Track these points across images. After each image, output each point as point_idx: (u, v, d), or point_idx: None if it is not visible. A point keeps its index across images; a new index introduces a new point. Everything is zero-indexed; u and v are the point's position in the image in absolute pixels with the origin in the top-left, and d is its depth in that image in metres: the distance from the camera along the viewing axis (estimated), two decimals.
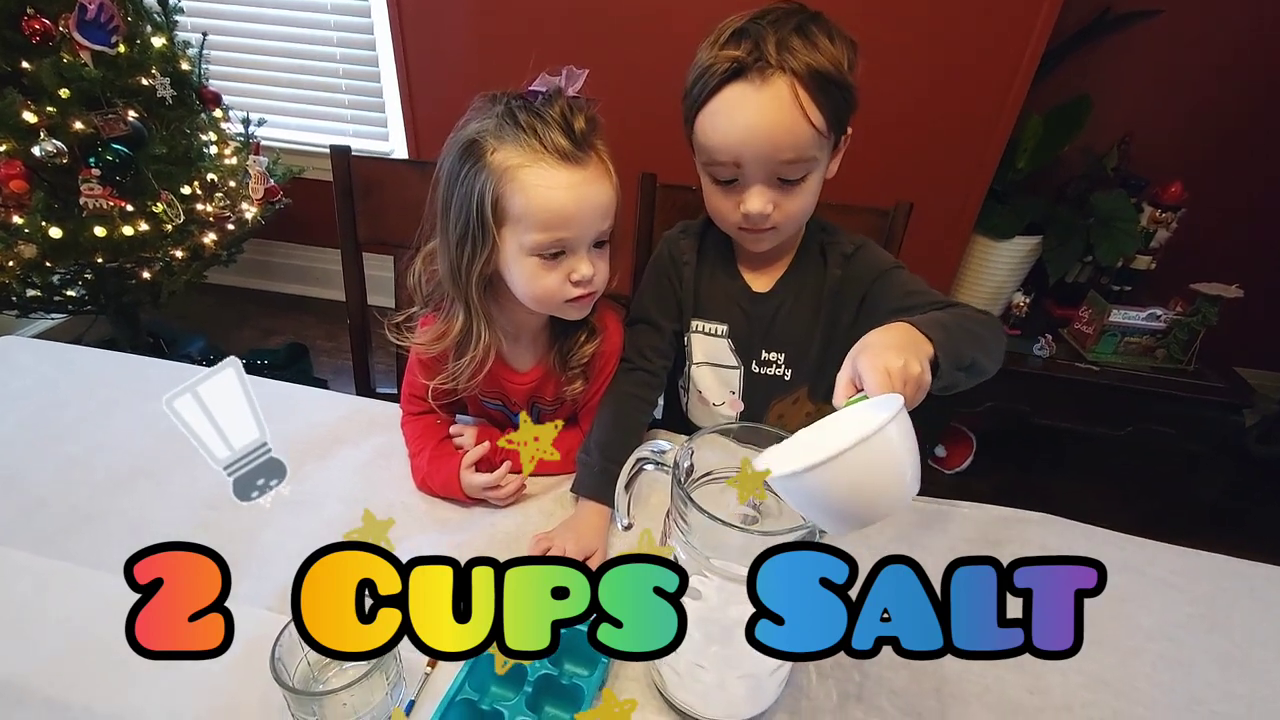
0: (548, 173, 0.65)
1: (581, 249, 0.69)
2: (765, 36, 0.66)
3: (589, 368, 0.82)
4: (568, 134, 0.65)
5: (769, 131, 0.67)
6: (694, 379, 0.90)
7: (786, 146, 0.68)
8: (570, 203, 0.65)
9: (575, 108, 0.67)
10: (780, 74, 0.65)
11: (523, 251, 0.68)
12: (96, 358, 0.99)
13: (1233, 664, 0.65)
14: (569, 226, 0.67)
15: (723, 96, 0.68)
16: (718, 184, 0.74)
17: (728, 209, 0.75)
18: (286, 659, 0.50)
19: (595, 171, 0.67)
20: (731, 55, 0.66)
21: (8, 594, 0.62)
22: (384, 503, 0.76)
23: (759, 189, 0.71)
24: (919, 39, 1.41)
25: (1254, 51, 1.68)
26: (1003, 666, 0.63)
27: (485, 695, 0.54)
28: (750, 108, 0.67)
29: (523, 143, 0.65)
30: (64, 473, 0.77)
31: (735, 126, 0.68)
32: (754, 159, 0.69)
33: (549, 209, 0.65)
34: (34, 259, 1.43)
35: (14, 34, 1.37)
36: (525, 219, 0.66)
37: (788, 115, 0.66)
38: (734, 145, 0.69)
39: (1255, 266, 1.84)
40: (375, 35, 2.10)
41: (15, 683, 0.54)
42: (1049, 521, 0.79)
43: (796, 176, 0.71)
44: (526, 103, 0.66)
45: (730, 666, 0.51)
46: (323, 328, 2.40)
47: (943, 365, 0.56)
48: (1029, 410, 1.67)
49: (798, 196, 0.73)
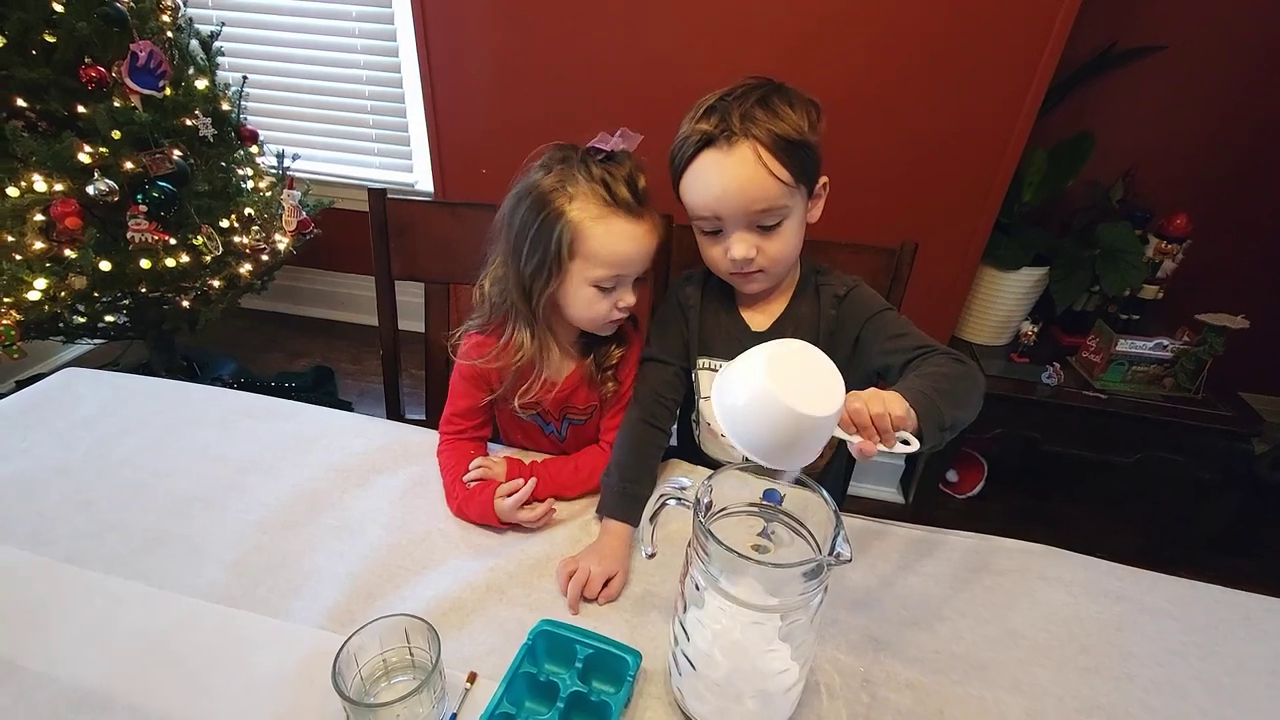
0: (617, 224, 0.79)
1: (629, 282, 0.84)
2: (731, 111, 0.77)
3: (618, 370, 0.94)
4: (633, 192, 0.80)
5: (739, 187, 0.77)
6: (703, 412, 0.97)
7: (757, 199, 0.78)
8: (633, 250, 0.81)
9: (637, 168, 0.81)
10: (744, 140, 0.76)
11: (585, 283, 0.82)
12: (151, 386, 1.06)
13: (1224, 690, 0.69)
14: (627, 267, 0.82)
15: (698, 163, 0.79)
16: (705, 234, 0.85)
17: (718, 256, 0.85)
18: (345, 672, 0.55)
19: (651, 224, 0.83)
20: (702, 129, 0.78)
21: (86, 610, 0.68)
22: (421, 529, 0.81)
23: (740, 236, 0.81)
24: (925, 77, 1.47)
25: (1257, 85, 1.72)
26: (1003, 689, 0.66)
27: (521, 710, 0.58)
28: (720, 170, 0.78)
29: (597, 196, 0.79)
30: (128, 498, 0.83)
31: (710, 186, 0.79)
32: (730, 212, 0.79)
33: (616, 253, 0.80)
34: (83, 289, 1.52)
35: (72, 81, 1.47)
36: (594, 259, 0.80)
37: (753, 172, 0.76)
38: (711, 202, 0.80)
39: (1262, 295, 1.86)
40: (402, 74, 2.20)
41: (100, 691, 0.60)
42: (1050, 553, 0.83)
43: (772, 223, 0.80)
44: (599, 160, 0.80)
45: (745, 684, 0.56)
46: (349, 351, 2.48)
47: (926, 433, 0.62)
48: (1039, 437, 1.69)
49: (777, 240, 0.82)
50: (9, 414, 0.96)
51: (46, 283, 1.44)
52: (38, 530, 0.77)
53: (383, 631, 0.59)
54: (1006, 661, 0.70)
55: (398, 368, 1.28)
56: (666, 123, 0.94)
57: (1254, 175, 1.80)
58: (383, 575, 0.74)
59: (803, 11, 1.44)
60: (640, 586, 0.75)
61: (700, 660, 0.57)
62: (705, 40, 1.51)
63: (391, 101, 2.27)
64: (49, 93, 1.46)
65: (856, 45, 1.46)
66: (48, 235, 1.45)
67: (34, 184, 1.42)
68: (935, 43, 1.44)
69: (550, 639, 0.65)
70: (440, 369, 1.26)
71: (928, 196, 1.57)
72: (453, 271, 1.18)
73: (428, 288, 1.21)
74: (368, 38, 2.17)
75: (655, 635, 0.69)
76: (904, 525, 0.86)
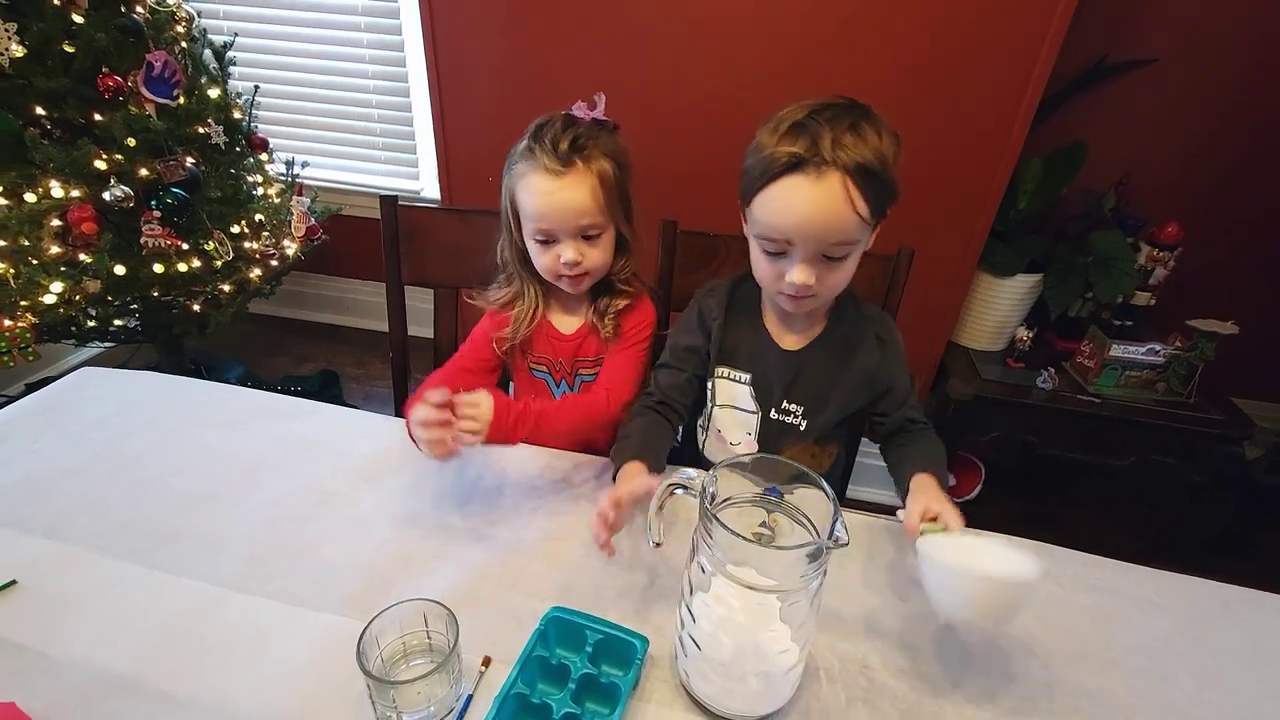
0: (536, 180, 0.89)
1: (566, 238, 0.91)
2: (822, 134, 0.73)
3: (620, 321, 1.01)
4: (554, 153, 0.88)
5: (821, 220, 0.75)
6: (714, 419, 0.99)
7: (835, 233, 0.76)
8: (550, 204, 0.89)
9: (565, 131, 0.88)
10: (833, 169, 0.72)
11: (529, 235, 0.93)
12: (163, 384, 1.08)
13: (1208, 676, 0.71)
14: (548, 220, 0.90)
15: (781, 185, 0.75)
16: (767, 254, 0.82)
17: (773, 276, 0.83)
18: (367, 653, 0.57)
19: (573, 180, 0.88)
20: (791, 151, 0.73)
21: (109, 600, 0.71)
22: (433, 522, 0.84)
23: (805, 264, 0.79)
24: (922, 90, 1.51)
25: (1245, 97, 1.77)
26: (995, 676, 0.69)
27: (534, 691, 0.61)
28: (805, 198, 0.74)
29: (528, 158, 0.90)
30: (141, 496, 0.85)
31: (791, 212, 0.75)
32: (804, 241, 0.77)
33: (537, 207, 0.90)
34: (98, 293, 1.55)
35: (89, 90, 1.50)
36: (525, 212, 0.92)
37: (838, 206, 0.73)
38: (788, 228, 0.77)
39: (1253, 302, 1.90)
40: (409, 84, 2.24)
41: (127, 676, 0.63)
42: (1041, 549, 0.86)
43: (840, 255, 0.79)
44: (539, 129, 0.90)
45: (748, 664, 0.59)
46: (353, 355, 2.51)
47: None
48: (1034, 441, 1.72)
49: (839, 271, 0.81)
50: (25, 414, 0.99)
51: (62, 286, 1.47)
52: (54, 528, 0.79)
53: (402, 616, 0.62)
54: (999, 650, 0.72)
55: (406, 369, 1.31)
56: (673, 130, 1.00)
57: (1244, 185, 1.84)
58: (397, 565, 0.77)
59: (804, 26, 1.48)
60: (646, 578, 0.78)
61: (705, 641, 0.60)
62: (711, 52, 1.55)
63: (398, 111, 2.31)
64: (67, 101, 1.49)
65: (856, 59, 1.50)
66: (64, 240, 1.48)
67: (51, 190, 1.46)
68: (931, 58, 1.48)
69: (561, 625, 0.67)
70: None
71: (926, 204, 1.60)
72: (461, 276, 1.21)
73: (436, 293, 1.25)
74: (376, 48, 2.22)
75: (661, 624, 0.71)
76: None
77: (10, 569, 0.72)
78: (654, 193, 1.06)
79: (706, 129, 1.61)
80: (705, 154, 1.63)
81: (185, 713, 0.60)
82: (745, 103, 1.58)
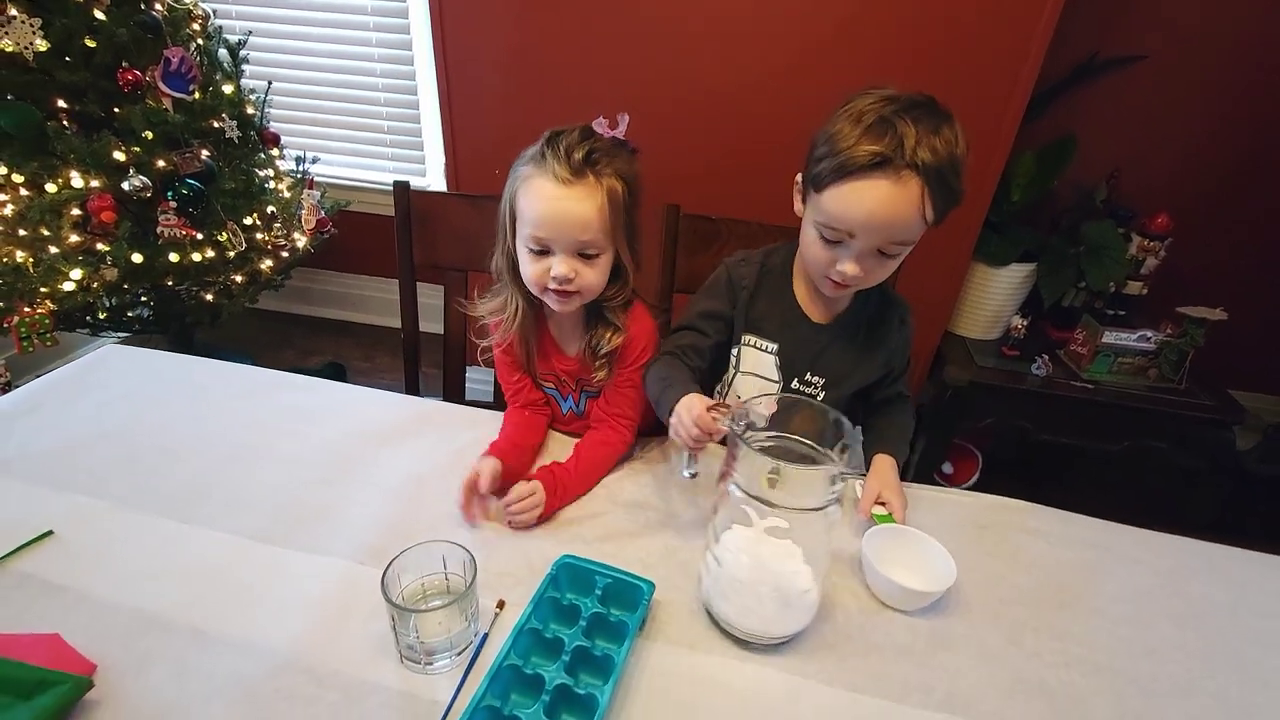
0: (542, 184, 0.82)
1: (561, 251, 0.85)
2: (908, 133, 0.72)
3: (613, 359, 0.95)
4: (566, 161, 0.82)
5: (891, 221, 0.76)
6: (735, 385, 1.01)
7: (899, 232, 0.77)
8: (553, 212, 0.82)
9: (581, 142, 0.83)
10: (914, 175, 0.73)
11: (522, 242, 0.86)
12: (184, 362, 1.13)
13: (1188, 623, 0.75)
14: (546, 228, 0.83)
15: (860, 183, 0.74)
16: (824, 240, 0.82)
17: (826, 261, 0.83)
18: (390, 590, 0.61)
19: (581, 192, 0.82)
20: (875, 150, 0.73)
21: (145, 547, 0.74)
22: (449, 481, 0.85)
23: (859, 258, 0.80)
24: (914, 86, 1.55)
25: (1235, 92, 1.81)
26: (984, 623, 0.73)
27: (547, 628, 0.64)
28: (881, 198, 0.74)
29: (538, 162, 0.84)
30: (169, 458, 0.89)
31: (863, 210, 0.76)
32: (867, 236, 0.78)
33: (538, 212, 0.83)
34: (115, 281, 1.59)
35: (109, 84, 1.55)
36: (523, 216, 0.85)
37: (911, 210, 0.74)
38: (855, 224, 0.77)
39: (1242, 292, 1.94)
40: (416, 82, 2.29)
41: (163, 615, 0.66)
42: (1030, 508, 0.90)
43: (894, 253, 0.80)
44: (554, 136, 0.85)
45: (766, 587, 0.64)
46: (360, 350, 2.55)
47: None
48: (1030, 427, 1.76)
49: (886, 267, 0.82)
50: (55, 385, 1.03)
51: (81, 274, 1.51)
52: (88, 484, 0.83)
53: (421, 557, 0.66)
54: (989, 600, 0.76)
55: (418, 352, 1.34)
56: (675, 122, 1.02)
57: (1233, 178, 1.89)
58: (414, 519, 0.80)
59: (802, 25, 1.53)
60: (655, 531, 0.82)
61: (727, 560, 0.66)
62: (712, 50, 1.59)
63: (406, 109, 2.36)
64: (88, 95, 1.54)
65: (852, 57, 1.55)
66: (83, 229, 1.53)
67: (71, 180, 1.50)
68: (923, 57, 1.53)
69: (572, 570, 0.71)
70: (458, 359, 1.33)
71: None
72: (471, 260, 1.26)
73: (447, 278, 1.28)
74: (384, 46, 2.27)
75: (669, 573, 0.74)
76: None
77: (48, 522, 0.76)
78: (655, 181, 1.10)
79: (708, 122, 1.66)
80: (706, 145, 1.68)
81: (216, 648, 0.64)
82: (745, 99, 1.63)
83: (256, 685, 0.60)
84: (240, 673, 0.61)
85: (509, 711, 0.56)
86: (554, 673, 0.59)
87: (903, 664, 0.67)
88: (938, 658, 0.68)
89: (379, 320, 2.72)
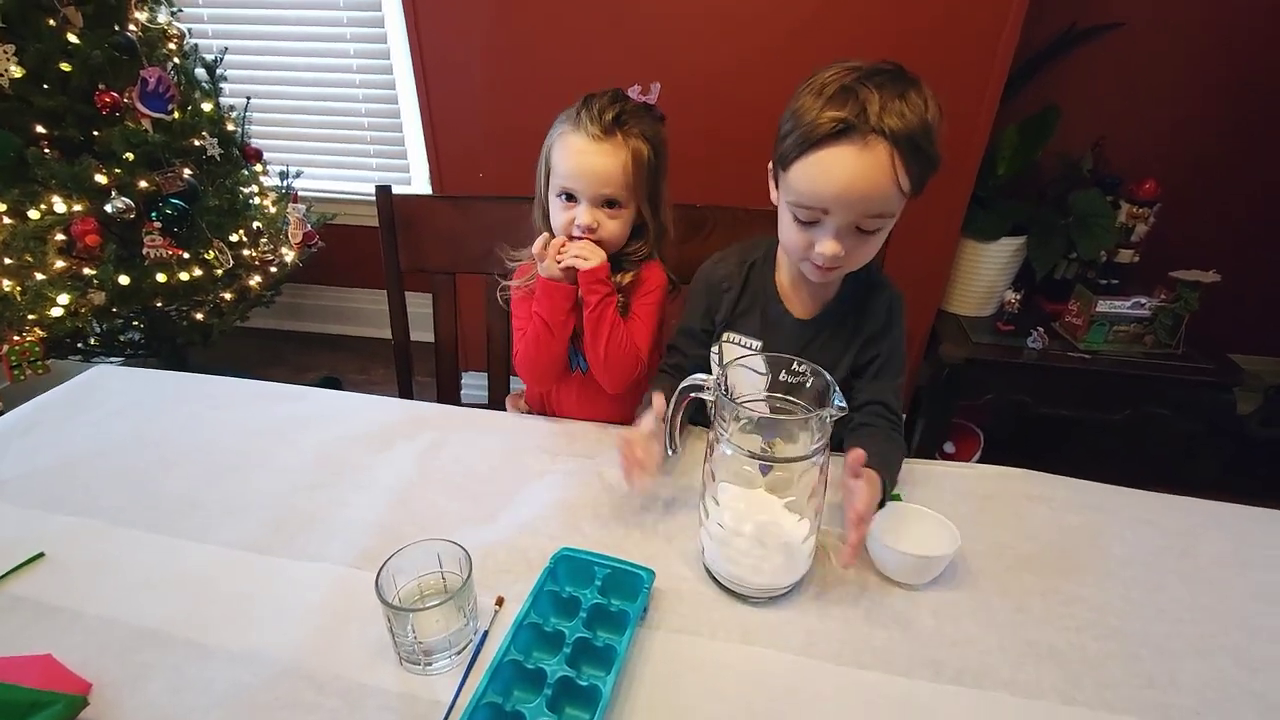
0: (574, 139, 0.92)
1: (586, 202, 0.94)
2: (870, 99, 0.69)
3: (629, 293, 1.02)
4: (598, 120, 0.91)
5: (863, 191, 0.72)
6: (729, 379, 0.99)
7: (874, 204, 0.73)
8: (583, 165, 0.92)
9: (612, 104, 0.92)
10: (881, 139, 0.69)
11: (554, 190, 0.96)
12: (176, 378, 1.12)
13: (1199, 583, 0.74)
14: (575, 180, 0.93)
15: (826, 153, 0.71)
16: (799, 221, 0.78)
17: (803, 245, 0.80)
18: (385, 591, 0.60)
19: (608, 148, 0.91)
20: (837, 116, 0.70)
21: (138, 563, 0.73)
22: (445, 481, 0.86)
23: (837, 235, 0.76)
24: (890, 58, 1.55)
25: (1212, 54, 1.81)
26: (991, 592, 0.72)
27: (547, 621, 0.64)
28: (850, 167, 0.71)
29: (573, 120, 0.94)
30: (163, 472, 0.88)
31: (834, 182, 0.72)
32: (840, 211, 0.74)
33: (569, 164, 0.93)
34: (103, 305, 1.58)
35: (87, 107, 1.54)
36: (556, 169, 0.95)
37: (881, 178, 0.71)
38: (827, 198, 0.74)
39: (1236, 254, 1.93)
40: (397, 90, 2.29)
41: (158, 630, 0.65)
42: (1031, 475, 0.89)
43: (873, 229, 0.76)
44: (590, 98, 0.94)
45: (766, 536, 0.66)
46: (355, 362, 2.54)
47: None
48: (1029, 401, 1.75)
49: (870, 244, 0.79)
50: (48, 407, 1.02)
51: (69, 299, 1.50)
52: (81, 503, 0.82)
53: (417, 556, 0.65)
54: (995, 569, 0.75)
55: (410, 360, 1.33)
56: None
57: (1219, 139, 1.89)
58: (411, 523, 0.79)
59: (780, 8, 1.53)
60: (651, 522, 0.81)
61: (729, 522, 0.67)
62: (690, 39, 1.59)
63: (387, 117, 2.36)
64: (66, 119, 1.53)
65: (830, 39, 1.54)
66: (68, 254, 1.52)
67: (54, 206, 1.50)
68: (903, 35, 1.53)
69: (570, 563, 0.70)
70: (450, 364, 1.32)
71: None
72: (458, 262, 1.25)
73: (435, 282, 1.27)
74: (363, 57, 2.27)
75: (667, 563, 0.73)
76: None
77: (41, 543, 0.75)
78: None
79: (688, 112, 1.64)
80: (689, 135, 1.66)
81: (213, 659, 0.62)
82: (724, 85, 1.63)
83: (255, 694, 0.59)
84: (238, 683, 0.60)
85: (511, 707, 0.55)
86: (556, 666, 0.58)
87: (911, 639, 0.66)
88: (946, 631, 0.67)
89: (372, 332, 2.71)
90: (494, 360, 1.30)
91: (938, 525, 0.74)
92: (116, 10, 1.59)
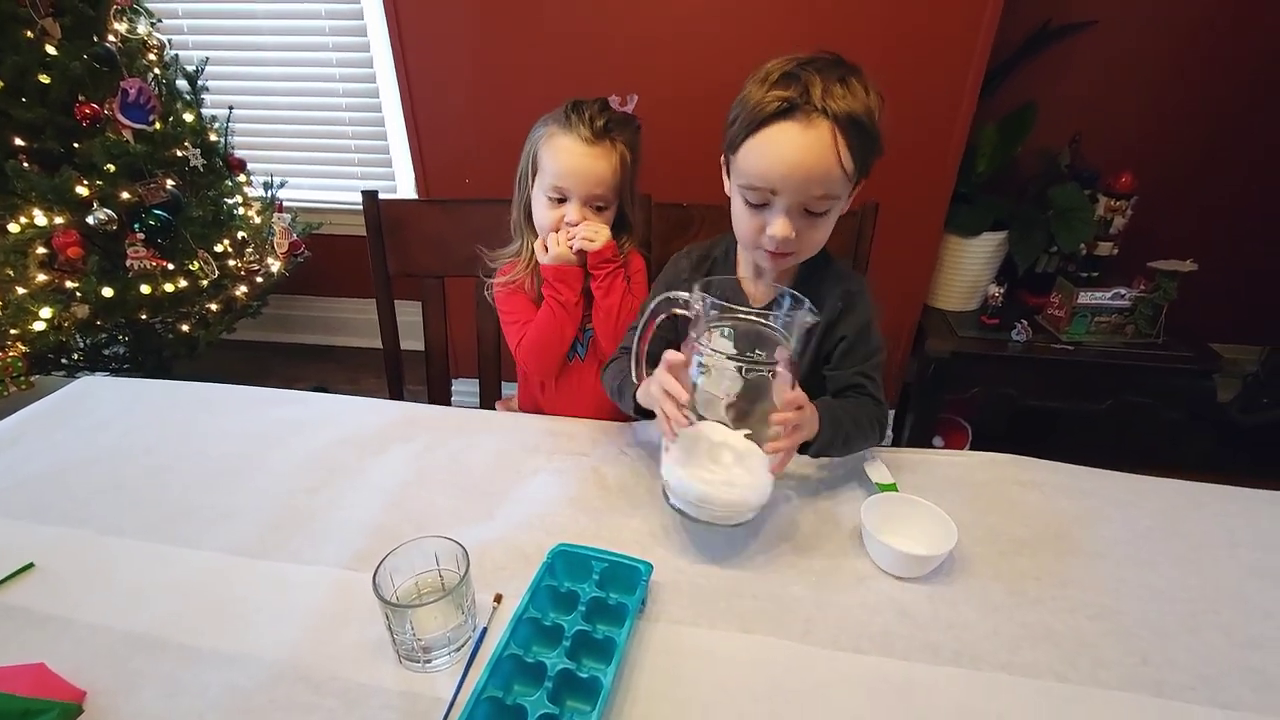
0: (567, 141, 0.98)
1: (575, 201, 1.00)
2: (813, 82, 0.73)
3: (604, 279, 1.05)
4: (590, 125, 0.98)
5: (808, 168, 0.74)
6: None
7: (818, 183, 0.75)
8: (572, 165, 0.98)
9: (601, 113, 0.99)
10: (823, 118, 0.73)
11: (541, 190, 1.02)
12: (165, 387, 1.10)
13: (1188, 562, 0.75)
14: (568, 179, 0.99)
15: (771, 131, 0.75)
16: (749, 205, 0.81)
17: (754, 229, 0.81)
18: (382, 590, 0.60)
19: (600, 151, 0.98)
20: (782, 95, 0.73)
21: (130, 570, 0.72)
22: (440, 482, 0.86)
23: (786, 216, 0.78)
24: (872, 64, 1.57)
25: (1183, 48, 1.85)
26: (986, 578, 0.72)
27: (546, 616, 0.64)
28: (794, 144, 0.74)
29: (562, 123, 0.99)
30: (154, 478, 0.87)
31: (780, 159, 0.75)
32: (788, 189, 0.76)
33: (559, 164, 0.98)
34: (86, 318, 1.56)
35: (66, 119, 1.53)
36: (545, 169, 1.00)
37: (825, 156, 0.74)
38: (774, 177, 0.76)
39: (1213, 244, 1.97)
40: (380, 99, 2.29)
41: (151, 635, 0.64)
42: (1020, 461, 0.90)
43: (821, 210, 0.78)
44: (577, 104, 1.00)
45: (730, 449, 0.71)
46: (344, 372, 2.52)
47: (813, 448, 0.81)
48: (1015, 393, 1.77)
49: (820, 227, 0.81)
50: (35, 417, 1.01)
51: (51, 312, 1.48)
52: (70, 512, 0.81)
53: (414, 554, 0.64)
54: (989, 554, 0.76)
55: (400, 362, 1.33)
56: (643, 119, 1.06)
57: (1194, 131, 1.93)
58: (406, 523, 0.79)
59: (756, 8, 1.55)
60: (655, 523, 0.81)
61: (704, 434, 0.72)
62: (672, 41, 1.61)
63: (371, 125, 2.35)
64: (46, 131, 1.52)
65: (805, 38, 1.55)
66: (50, 267, 1.50)
67: (34, 219, 1.48)
68: (879, 35, 1.56)
69: (567, 558, 0.70)
70: (441, 370, 1.32)
71: (887, 174, 1.65)
72: (446, 265, 1.25)
73: (424, 286, 1.27)
74: (345, 65, 2.26)
75: (664, 556, 0.74)
76: (886, 450, 0.92)
77: (31, 553, 0.74)
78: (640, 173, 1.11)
79: (670, 113, 1.66)
80: (671, 136, 1.68)
81: (207, 664, 0.62)
82: (703, 84, 1.63)
83: (251, 697, 0.58)
84: (234, 686, 0.59)
85: (512, 701, 0.55)
86: (556, 659, 0.58)
87: (908, 624, 0.67)
88: (943, 615, 0.68)
89: (361, 342, 2.70)
90: (484, 362, 1.30)
91: (934, 519, 0.75)
92: (95, 21, 1.58)
